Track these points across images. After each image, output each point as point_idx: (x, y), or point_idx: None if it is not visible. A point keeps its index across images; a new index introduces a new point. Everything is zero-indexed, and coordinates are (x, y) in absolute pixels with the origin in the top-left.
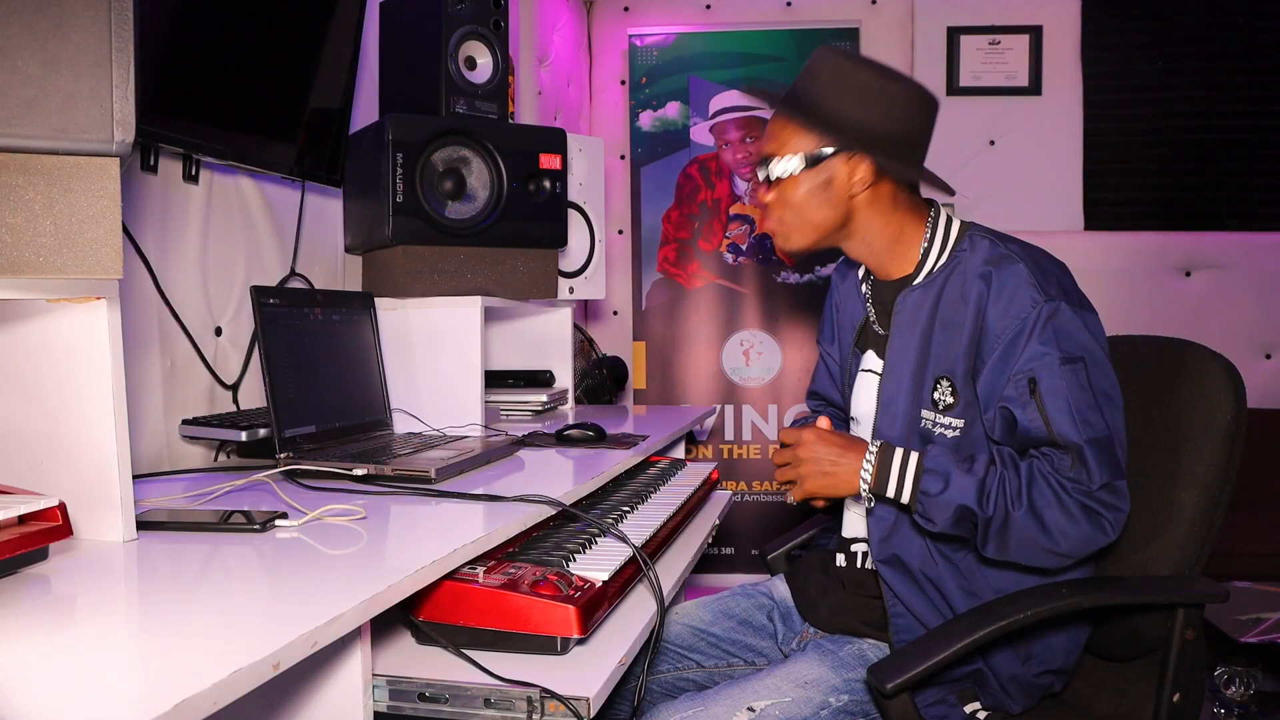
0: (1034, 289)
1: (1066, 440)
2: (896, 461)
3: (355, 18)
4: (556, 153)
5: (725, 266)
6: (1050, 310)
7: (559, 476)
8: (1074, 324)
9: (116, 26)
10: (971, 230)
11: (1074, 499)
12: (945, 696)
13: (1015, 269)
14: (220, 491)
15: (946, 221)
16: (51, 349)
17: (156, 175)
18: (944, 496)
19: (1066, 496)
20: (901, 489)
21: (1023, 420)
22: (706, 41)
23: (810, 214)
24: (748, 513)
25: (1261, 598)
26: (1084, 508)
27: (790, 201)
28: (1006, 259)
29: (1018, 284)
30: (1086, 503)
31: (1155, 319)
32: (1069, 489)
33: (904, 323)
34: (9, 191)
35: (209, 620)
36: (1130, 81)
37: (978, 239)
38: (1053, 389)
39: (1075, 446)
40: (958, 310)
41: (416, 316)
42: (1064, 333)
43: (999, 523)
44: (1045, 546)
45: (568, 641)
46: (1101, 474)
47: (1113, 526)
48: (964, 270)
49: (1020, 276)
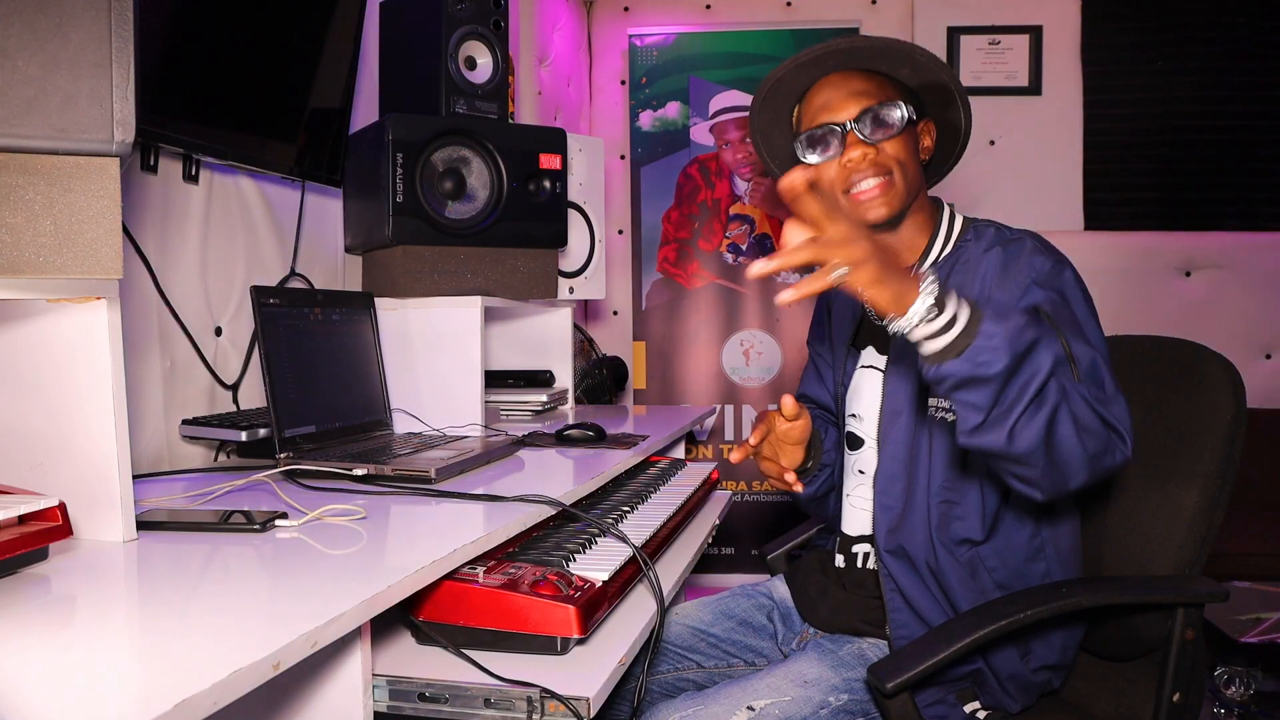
0: (1045, 256)
1: (1078, 354)
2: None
3: (355, 18)
4: (556, 153)
5: (725, 266)
6: (1058, 269)
7: (559, 476)
8: (1077, 289)
9: (116, 26)
10: (975, 223)
11: (1093, 409)
12: (945, 696)
13: (1022, 244)
14: (220, 491)
15: (951, 216)
16: (51, 349)
17: (156, 175)
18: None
19: (1088, 404)
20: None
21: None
22: (706, 41)
23: (913, 170)
24: (748, 513)
25: (1261, 598)
26: (1100, 417)
27: (904, 153)
28: (1013, 239)
29: (1028, 254)
30: (1102, 412)
31: (1155, 319)
32: (1086, 398)
33: None
34: (9, 191)
35: (209, 620)
36: (1130, 81)
37: (983, 228)
38: (1058, 314)
39: (1088, 358)
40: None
41: (416, 316)
42: (1069, 288)
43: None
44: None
45: (568, 641)
46: (1111, 385)
47: (1125, 441)
48: (968, 259)
49: (1028, 247)
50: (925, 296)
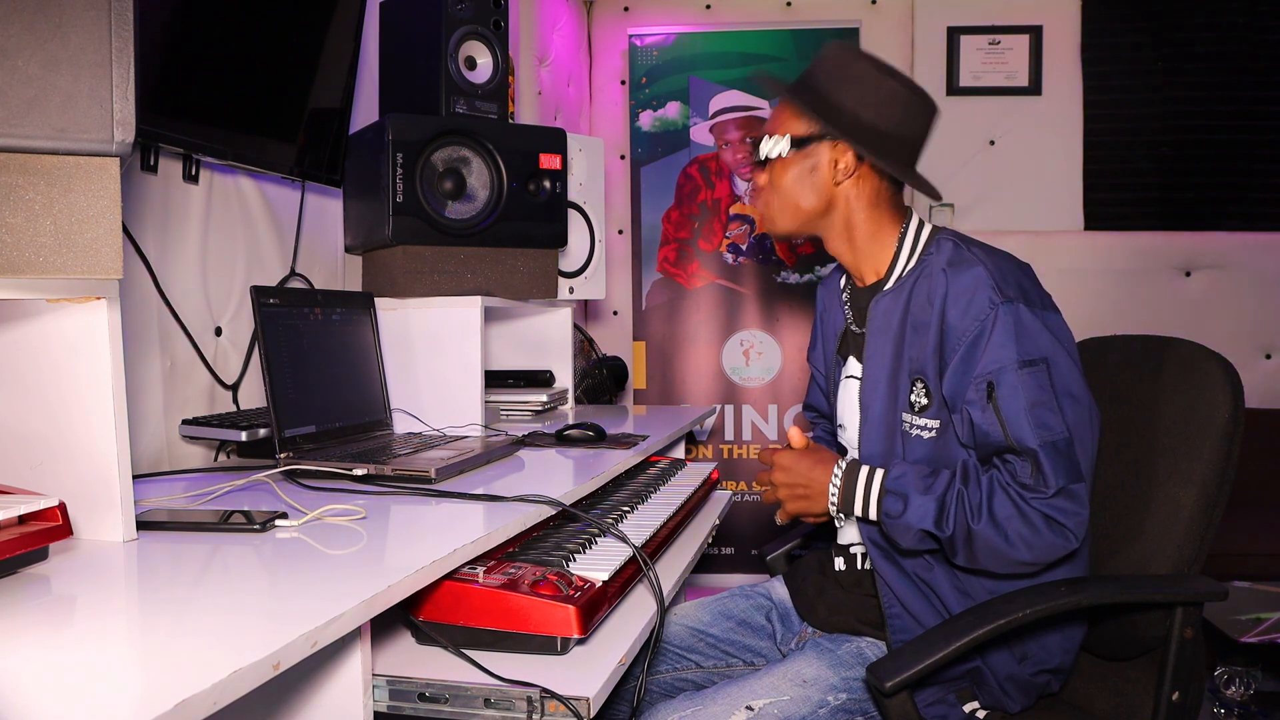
0: (991, 290)
1: (1023, 445)
2: (861, 481)
3: (355, 18)
4: (556, 153)
5: (725, 266)
6: (1008, 312)
7: (559, 476)
8: (1034, 325)
9: (116, 26)
10: (940, 234)
11: (1034, 509)
12: (944, 696)
13: (974, 271)
14: (220, 491)
15: (918, 226)
16: (51, 349)
17: (156, 175)
18: (903, 520)
19: (1026, 506)
20: (868, 509)
21: (981, 424)
22: (706, 41)
23: (794, 197)
24: (748, 513)
25: (1261, 598)
26: (1044, 517)
27: (777, 184)
28: (966, 262)
29: (976, 285)
30: (1046, 511)
31: (1155, 319)
32: (1028, 499)
33: (878, 327)
34: (9, 191)
35: (209, 620)
36: (1130, 81)
37: (944, 242)
38: (1010, 393)
39: (1031, 452)
40: (925, 312)
41: (416, 316)
42: (1024, 334)
43: (962, 538)
44: (1010, 557)
45: (568, 641)
46: (1057, 478)
47: (1074, 534)
48: (930, 273)
49: (978, 278)
50: (832, 508)
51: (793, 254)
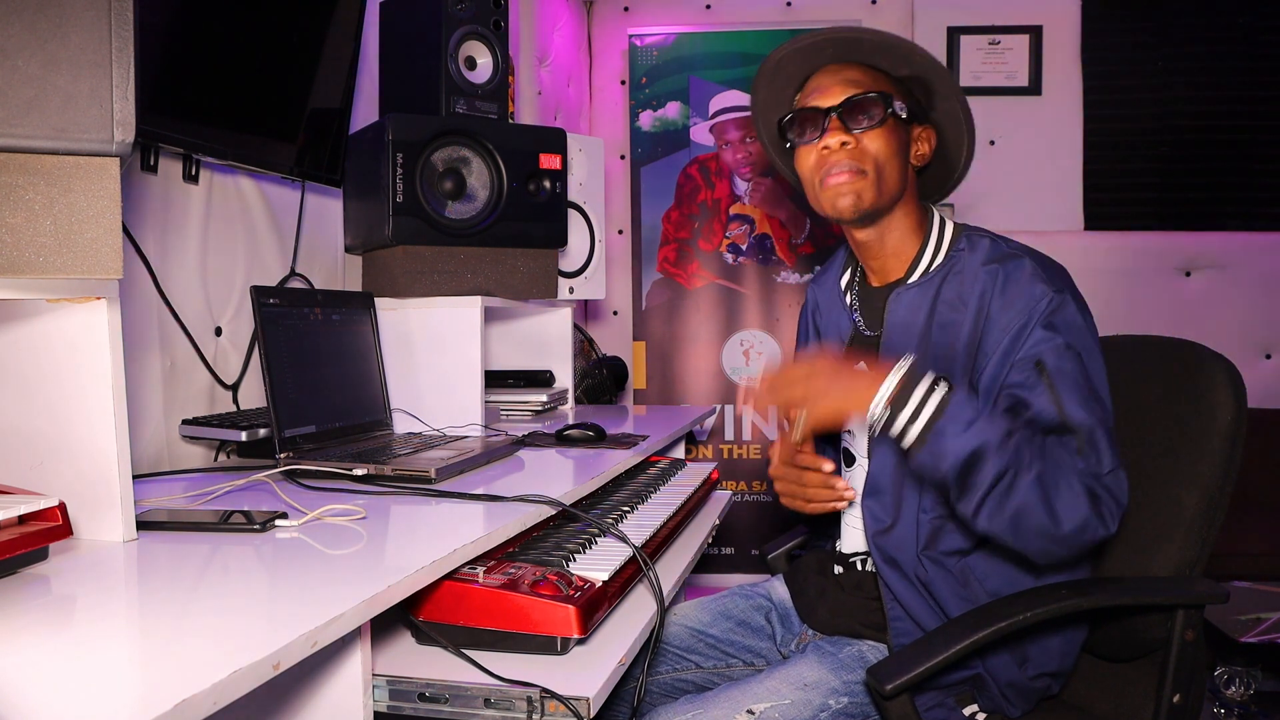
0: (1044, 282)
1: (1078, 421)
2: (923, 385)
3: (355, 18)
4: (556, 153)
5: (725, 266)
6: (1059, 301)
7: (559, 476)
8: (1077, 319)
9: (116, 26)
10: (968, 231)
11: (1081, 482)
12: (944, 699)
13: (1021, 264)
14: (220, 491)
15: (941, 223)
16: (51, 349)
17: (156, 175)
18: (965, 435)
19: (1075, 479)
20: (918, 415)
21: (1034, 402)
22: (706, 41)
23: (895, 170)
24: (748, 513)
25: (1261, 598)
26: (1089, 491)
27: (884, 149)
28: (1012, 256)
29: (1027, 278)
30: (1093, 485)
31: (1155, 319)
32: (1079, 471)
33: (899, 322)
34: (9, 191)
35: (209, 620)
36: (1130, 81)
37: (976, 239)
38: (1060, 370)
39: (1087, 427)
40: (955, 310)
41: (416, 316)
42: (1069, 324)
43: (1006, 484)
44: (1042, 524)
45: (568, 641)
46: (1109, 459)
47: (1112, 517)
48: (962, 270)
49: (1028, 271)
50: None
51: (793, 254)
